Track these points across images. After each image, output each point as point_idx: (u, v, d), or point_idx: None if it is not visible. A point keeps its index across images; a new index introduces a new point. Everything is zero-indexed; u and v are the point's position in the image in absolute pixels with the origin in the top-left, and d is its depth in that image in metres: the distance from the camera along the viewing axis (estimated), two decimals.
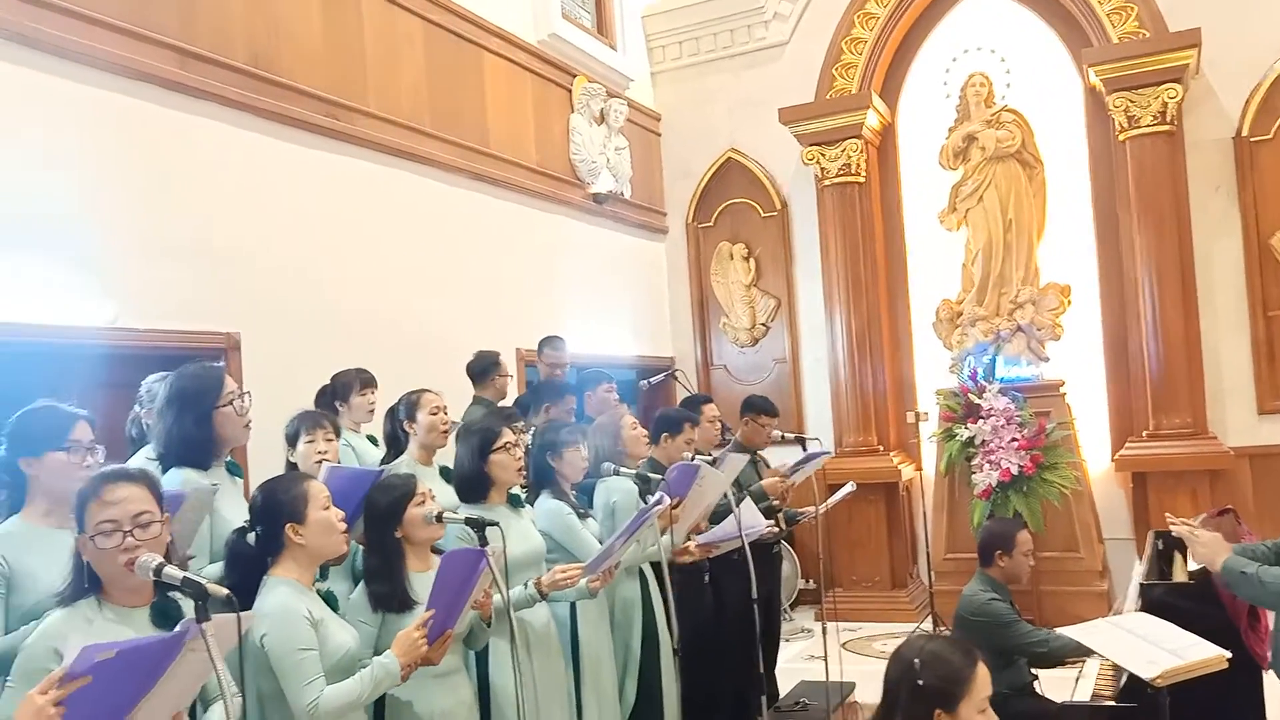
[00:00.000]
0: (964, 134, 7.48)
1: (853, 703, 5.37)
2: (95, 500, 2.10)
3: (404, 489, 3.01)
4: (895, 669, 2.28)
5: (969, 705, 2.20)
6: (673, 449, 4.45)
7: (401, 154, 5.65)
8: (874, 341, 7.54)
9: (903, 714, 2.20)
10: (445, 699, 2.96)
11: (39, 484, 2.54)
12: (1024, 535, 4.27)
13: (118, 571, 2.08)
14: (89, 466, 2.54)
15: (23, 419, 2.57)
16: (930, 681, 2.18)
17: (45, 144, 3.88)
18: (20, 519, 2.54)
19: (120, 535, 2.07)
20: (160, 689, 1.82)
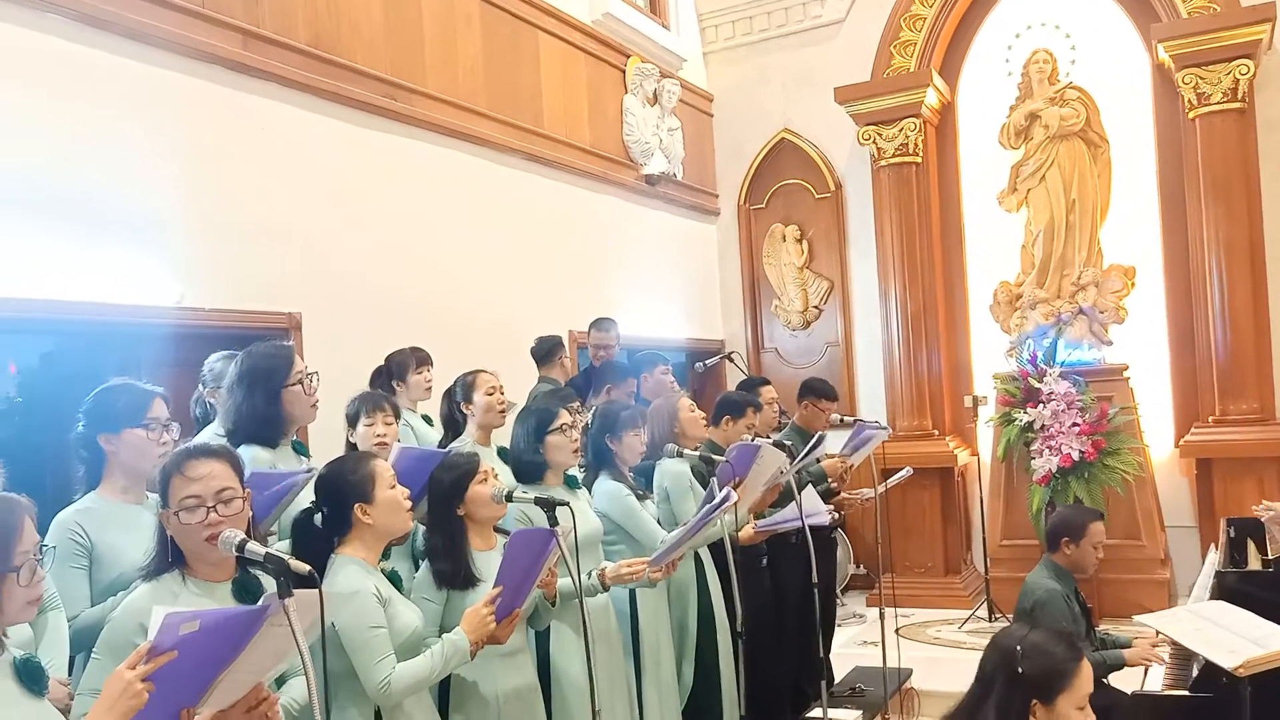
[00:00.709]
0: (1026, 112, 7.31)
1: (909, 689, 5.32)
2: (178, 476, 2.12)
3: (467, 467, 3.02)
4: (994, 655, 2.22)
5: (1068, 700, 2.14)
6: (733, 432, 4.41)
7: (457, 135, 5.64)
8: (929, 324, 7.42)
9: (996, 702, 2.14)
10: (511, 679, 2.97)
11: (117, 460, 2.57)
12: (1097, 527, 4.17)
13: (201, 547, 2.10)
14: (165, 444, 2.57)
15: (101, 396, 2.60)
16: (1030, 671, 2.13)
17: (112, 125, 3.92)
18: (98, 495, 2.58)
19: (204, 511, 2.08)
20: (241, 662, 1.83)
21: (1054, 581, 4.12)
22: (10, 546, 1.76)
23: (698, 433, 4.23)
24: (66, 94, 3.77)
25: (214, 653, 1.77)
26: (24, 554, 1.77)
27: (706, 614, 3.99)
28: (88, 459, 2.60)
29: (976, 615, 6.60)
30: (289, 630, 1.78)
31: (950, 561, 7.29)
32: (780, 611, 4.70)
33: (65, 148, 3.74)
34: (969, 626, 6.48)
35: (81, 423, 2.60)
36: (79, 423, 2.61)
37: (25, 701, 1.80)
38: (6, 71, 3.57)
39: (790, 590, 4.81)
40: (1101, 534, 4.20)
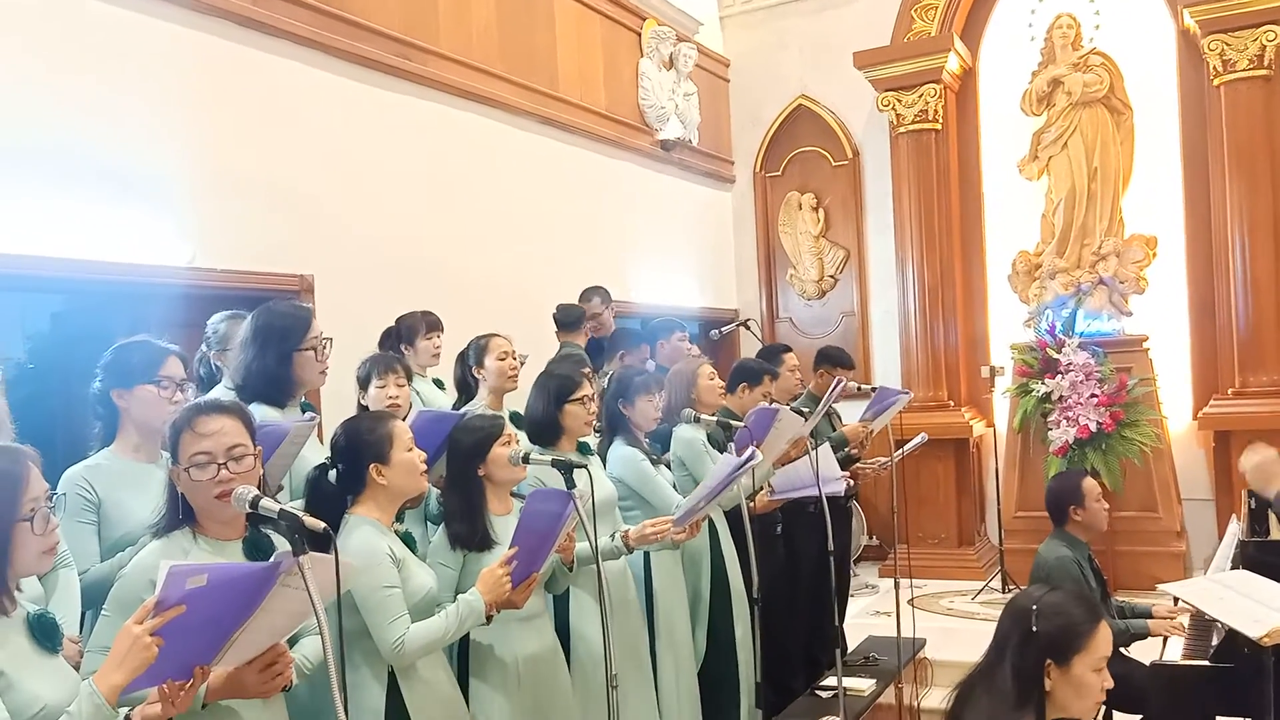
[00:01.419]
0: (1049, 78, 7.17)
1: (923, 659, 5.29)
2: (189, 432, 2.08)
3: (491, 429, 2.98)
4: (1009, 616, 2.18)
5: (1084, 662, 2.09)
6: (748, 400, 4.36)
7: (471, 96, 5.56)
8: (946, 294, 7.33)
9: (1011, 662, 2.10)
10: (529, 643, 2.95)
11: (129, 416, 2.55)
12: (1089, 482, 4.16)
13: (211, 504, 2.06)
14: (178, 402, 2.53)
15: (118, 352, 2.57)
16: (1045, 629, 2.08)
17: (123, 83, 3.86)
18: (110, 452, 2.55)
19: (214, 468, 2.05)
20: (256, 622, 1.80)
21: (1066, 549, 4.09)
22: (18, 495, 1.73)
23: (714, 400, 4.19)
24: (77, 51, 3.70)
25: (225, 609, 1.74)
26: (33, 501, 1.74)
27: (721, 582, 3.96)
28: (104, 415, 2.58)
29: (990, 586, 6.57)
30: (304, 591, 1.74)
31: (963, 533, 7.25)
32: (794, 580, 4.67)
33: (76, 106, 3.68)
34: (982, 598, 6.45)
35: (98, 378, 2.57)
36: (96, 378, 2.58)
37: (39, 658, 1.78)
38: (16, 28, 3.51)
39: (805, 559, 4.78)
40: (1097, 488, 4.19)
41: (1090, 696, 2.11)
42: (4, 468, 1.74)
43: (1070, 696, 2.10)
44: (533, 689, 2.94)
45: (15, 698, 1.69)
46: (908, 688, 4.99)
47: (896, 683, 4.82)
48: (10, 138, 3.46)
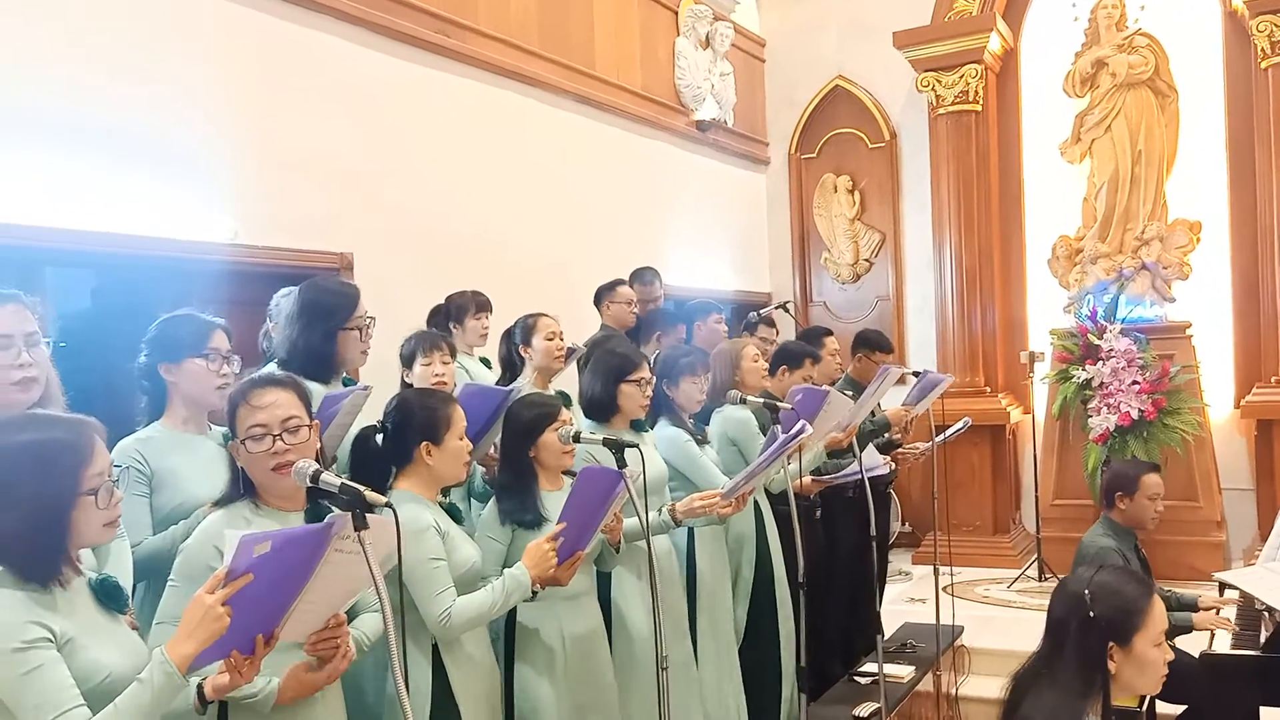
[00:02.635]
0: (1093, 59, 7.04)
1: (961, 646, 5.24)
2: (244, 405, 2.09)
3: (546, 411, 2.95)
4: (1062, 602, 2.14)
5: (1144, 638, 2.06)
6: (787, 383, 4.32)
7: (509, 74, 5.52)
8: (985, 279, 7.23)
9: (1074, 649, 2.06)
10: (575, 622, 2.93)
11: (178, 390, 2.54)
12: (1151, 479, 4.06)
13: (268, 477, 2.07)
14: (225, 375, 2.52)
15: (164, 326, 2.57)
16: (1103, 613, 2.05)
17: (164, 59, 3.84)
18: (161, 424, 2.55)
19: (270, 440, 2.05)
20: (314, 589, 1.79)
21: (1109, 539, 4.02)
22: (80, 469, 1.72)
23: (757, 382, 4.15)
24: (121, 27, 3.69)
25: (286, 575, 1.74)
26: (98, 476, 1.73)
27: (765, 565, 3.93)
28: (150, 389, 2.57)
29: (1026, 575, 6.50)
30: (361, 558, 1.74)
31: (999, 520, 7.18)
32: (832, 565, 4.64)
33: (119, 82, 3.67)
34: (1018, 585, 6.38)
35: (144, 353, 2.57)
36: (141, 353, 2.57)
37: (105, 624, 1.79)
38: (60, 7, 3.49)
39: (843, 544, 4.74)
40: (1156, 486, 4.08)
41: (1155, 672, 2.08)
42: (69, 440, 1.73)
43: (1135, 675, 2.07)
44: (578, 668, 2.93)
45: (81, 664, 1.69)
46: (946, 675, 4.94)
47: (935, 670, 4.78)
48: (53, 113, 3.45)
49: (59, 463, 1.70)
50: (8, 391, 2.11)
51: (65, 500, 1.70)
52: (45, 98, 3.42)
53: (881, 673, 3.99)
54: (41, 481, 1.68)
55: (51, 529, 1.70)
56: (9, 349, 2.11)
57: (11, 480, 1.67)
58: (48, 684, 1.62)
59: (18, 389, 2.11)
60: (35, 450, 1.70)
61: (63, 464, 1.70)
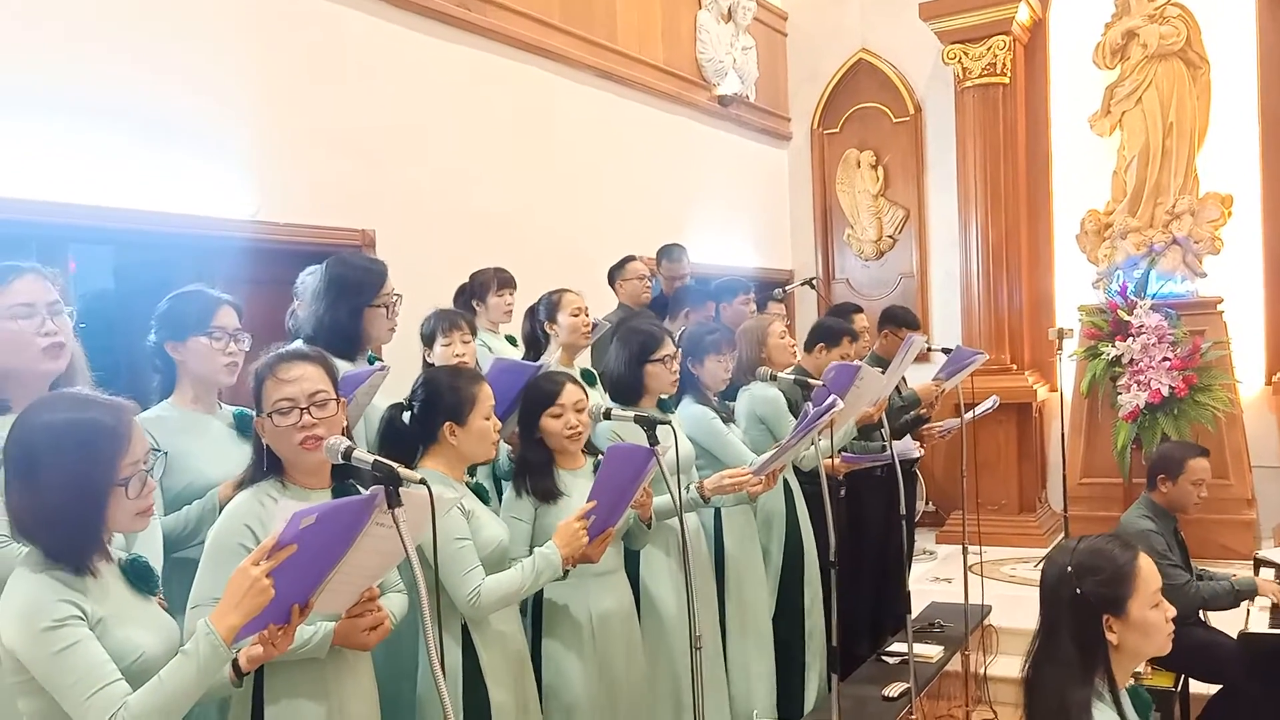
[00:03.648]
0: (1123, 30, 6.90)
1: (989, 626, 5.19)
2: (271, 379, 2.05)
3: (542, 395, 2.89)
4: (1048, 580, 2.06)
5: (1139, 603, 1.99)
6: (824, 361, 4.25)
7: (530, 48, 5.45)
8: (1011, 254, 7.12)
9: (1069, 630, 1.99)
10: (605, 600, 2.89)
11: (185, 369, 2.49)
12: (1198, 463, 3.99)
13: (296, 451, 2.03)
14: (232, 353, 2.47)
15: (172, 302, 2.51)
16: (1090, 589, 1.98)
17: (185, 35, 3.79)
18: (170, 403, 2.51)
19: (297, 413, 2.01)
20: (350, 561, 1.78)
21: (1149, 521, 3.96)
22: (117, 457, 1.68)
23: (785, 359, 4.09)
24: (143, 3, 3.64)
25: (326, 547, 1.72)
26: (132, 465, 1.70)
27: (795, 544, 3.89)
28: (161, 368, 2.53)
29: None
30: (395, 532, 1.71)
31: (1025, 499, 7.10)
32: (858, 544, 4.58)
33: (140, 58, 3.62)
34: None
35: (153, 331, 2.51)
36: (151, 331, 2.53)
37: (137, 604, 1.77)
38: None
39: (870, 523, 4.69)
40: (1202, 471, 4.01)
41: (1159, 633, 2.02)
42: (109, 424, 1.69)
43: (1139, 640, 2.01)
44: (606, 646, 2.89)
45: (114, 645, 1.66)
46: (974, 655, 4.89)
47: (963, 650, 4.72)
48: (74, 91, 3.41)
49: (98, 448, 1.67)
50: (37, 360, 2.08)
51: (101, 488, 1.67)
52: (66, 76, 3.39)
53: (911, 653, 3.94)
54: (80, 466, 1.65)
55: (86, 515, 1.67)
56: (32, 317, 2.08)
57: (51, 462, 1.64)
58: (83, 661, 1.60)
59: (46, 356, 2.09)
60: (76, 432, 1.67)
61: (102, 450, 1.67)
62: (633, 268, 5.02)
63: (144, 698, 1.60)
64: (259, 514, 1.99)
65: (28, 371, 2.08)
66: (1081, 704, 1.94)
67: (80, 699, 1.59)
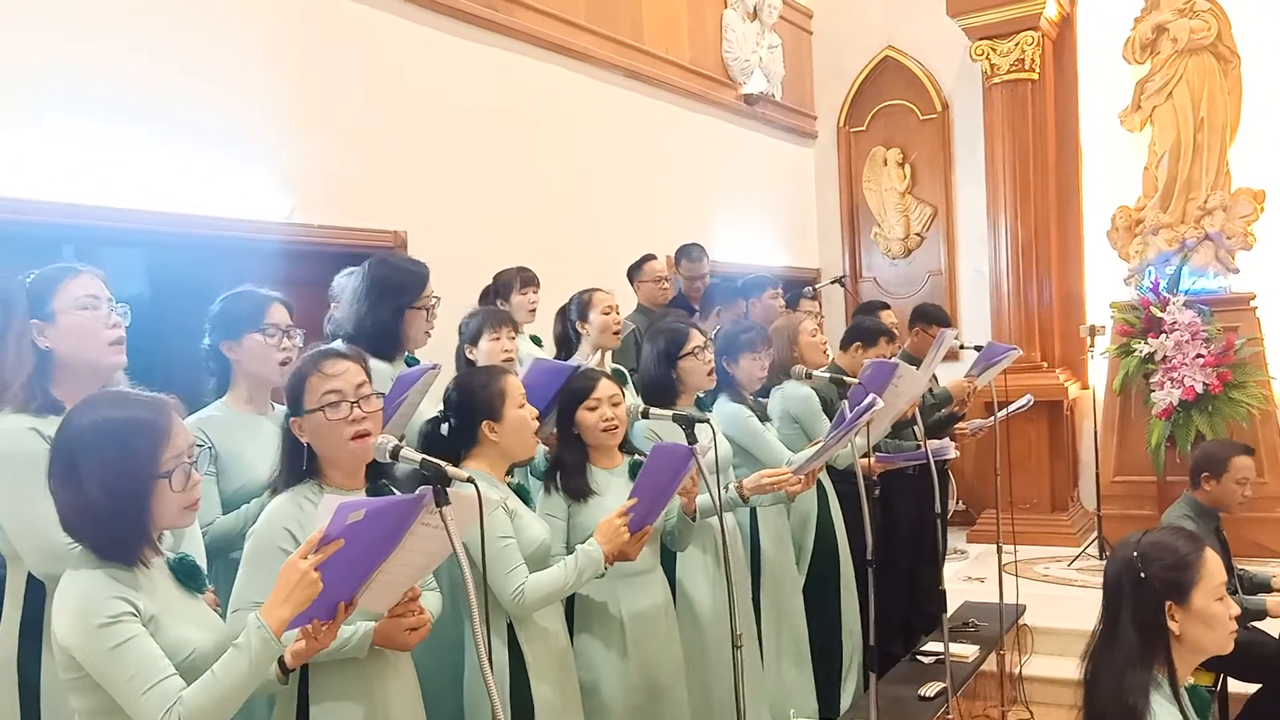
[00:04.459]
0: (1153, 24, 6.84)
1: (1024, 625, 5.14)
2: (316, 374, 2.05)
3: (578, 390, 2.90)
4: (1114, 568, 2.07)
5: (1202, 593, 1.98)
6: (859, 361, 4.23)
7: (557, 48, 5.46)
8: (1041, 251, 7.06)
9: (1130, 614, 1.99)
10: (640, 599, 2.89)
11: (241, 368, 2.52)
12: (1241, 461, 3.94)
13: (343, 447, 2.03)
14: (286, 349, 2.49)
15: (224, 303, 2.55)
16: (1155, 573, 1.98)
17: (222, 38, 3.82)
18: (224, 403, 2.53)
19: (347, 406, 2.01)
20: (395, 560, 1.78)
21: (1190, 521, 3.92)
22: (157, 450, 1.69)
23: (816, 358, 4.07)
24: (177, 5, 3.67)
25: (372, 544, 1.73)
26: (175, 458, 1.70)
27: (829, 544, 3.87)
28: (215, 369, 2.55)
29: (1087, 553, 6.38)
30: (442, 532, 1.72)
31: (1057, 498, 7.04)
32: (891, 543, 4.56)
33: (176, 58, 3.65)
34: (1079, 564, 6.26)
35: (207, 332, 2.54)
36: (205, 333, 2.55)
37: (186, 602, 1.78)
38: None
39: (903, 522, 4.66)
40: (1246, 470, 3.97)
41: (1221, 627, 2.01)
42: (148, 419, 1.71)
43: (1201, 632, 2.00)
44: (642, 645, 2.88)
45: (167, 641, 1.68)
46: (1009, 654, 4.85)
47: (999, 649, 4.69)
48: (111, 93, 3.44)
49: (137, 443, 1.68)
50: (103, 351, 2.13)
51: (143, 482, 1.68)
52: (102, 77, 3.41)
53: (947, 653, 3.91)
54: (121, 461, 1.67)
55: (130, 510, 1.69)
56: (98, 309, 2.12)
57: (93, 459, 1.66)
58: (138, 656, 1.62)
59: (113, 350, 2.14)
60: (115, 429, 1.69)
61: (141, 444, 1.69)
62: (650, 268, 5.01)
63: (198, 692, 1.62)
64: (298, 517, 2.00)
65: (91, 364, 2.13)
66: (1140, 688, 1.93)
67: (136, 694, 1.60)
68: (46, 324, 2.09)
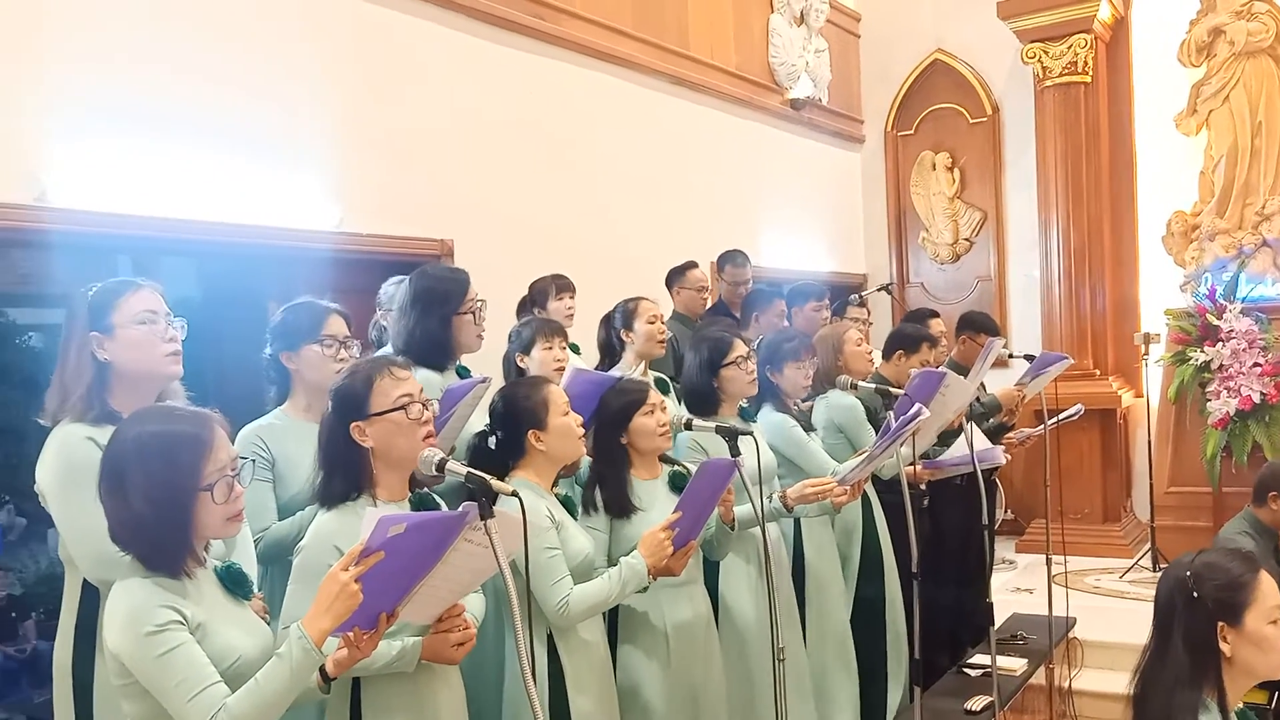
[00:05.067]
0: (1209, 26, 6.71)
1: (1074, 639, 5.06)
2: (386, 378, 2.09)
3: (634, 395, 2.91)
4: (1166, 587, 2.04)
5: (1256, 615, 1.94)
6: (904, 369, 4.19)
7: (604, 56, 5.48)
8: (1094, 257, 6.95)
9: (1182, 633, 1.96)
10: (682, 610, 2.88)
11: (300, 378, 2.57)
12: None
13: (414, 448, 2.06)
14: (343, 360, 2.53)
15: (284, 314, 2.61)
16: (1208, 592, 1.95)
17: (273, 50, 3.89)
18: (282, 411, 2.58)
19: (418, 408, 2.06)
20: (438, 574, 1.80)
21: (1247, 538, 3.83)
22: (199, 463, 1.72)
23: (862, 366, 4.03)
24: (229, 18, 3.74)
25: (414, 558, 1.74)
26: (218, 471, 1.74)
27: (874, 554, 3.83)
28: (276, 379, 2.61)
29: (1139, 565, 6.25)
30: (487, 549, 1.73)
31: (1109, 508, 6.91)
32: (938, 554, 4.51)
33: (229, 75, 3.72)
34: (1131, 576, 6.14)
35: (268, 342, 2.60)
36: (266, 344, 2.61)
37: (233, 609, 1.81)
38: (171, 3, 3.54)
39: (949, 533, 4.60)
40: None
41: (1274, 651, 1.97)
42: (191, 432, 1.74)
43: (1252, 655, 1.96)
44: (684, 657, 2.87)
45: (214, 648, 1.71)
46: (1058, 668, 4.78)
47: (1048, 663, 4.62)
48: (165, 109, 3.51)
49: (179, 456, 1.72)
50: (160, 363, 2.18)
51: (186, 494, 1.72)
52: (157, 93, 3.49)
53: (995, 665, 3.86)
54: (164, 474, 1.70)
55: (174, 521, 1.72)
56: (157, 323, 2.18)
57: (137, 472, 1.70)
58: (185, 663, 1.65)
59: (169, 360, 2.19)
60: (160, 443, 1.73)
61: (183, 457, 1.72)
62: (693, 276, 4.99)
63: (241, 699, 1.65)
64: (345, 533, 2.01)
65: (150, 375, 2.19)
66: (1188, 709, 1.90)
67: (183, 700, 1.64)
68: (106, 337, 2.14)
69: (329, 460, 2.12)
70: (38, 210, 3.16)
